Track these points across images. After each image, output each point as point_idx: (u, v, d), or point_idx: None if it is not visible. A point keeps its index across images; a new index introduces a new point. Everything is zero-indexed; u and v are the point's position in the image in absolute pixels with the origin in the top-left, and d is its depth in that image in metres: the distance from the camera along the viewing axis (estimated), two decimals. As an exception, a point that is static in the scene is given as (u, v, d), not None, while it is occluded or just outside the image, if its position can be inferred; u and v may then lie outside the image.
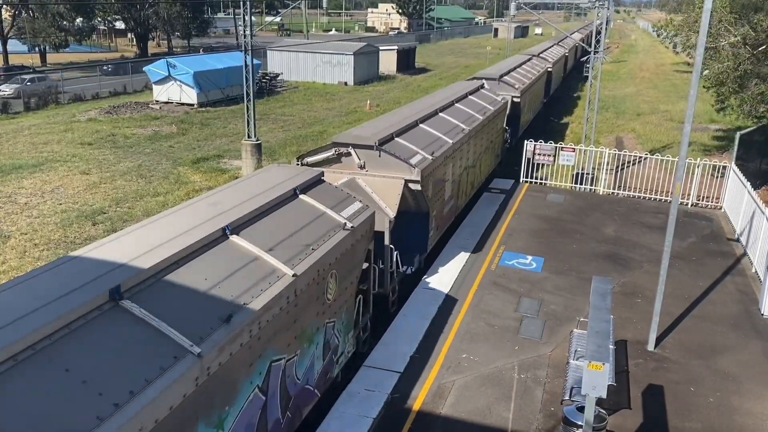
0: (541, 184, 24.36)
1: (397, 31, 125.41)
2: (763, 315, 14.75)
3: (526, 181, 24.35)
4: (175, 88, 42.58)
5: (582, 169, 24.42)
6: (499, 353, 12.76)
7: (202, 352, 6.55)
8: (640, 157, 25.93)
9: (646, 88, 54.93)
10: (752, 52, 24.15)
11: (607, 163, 24.17)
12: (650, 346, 13.15)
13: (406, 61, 68.57)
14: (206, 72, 42.76)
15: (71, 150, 29.45)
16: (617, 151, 24.70)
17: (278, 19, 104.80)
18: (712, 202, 22.49)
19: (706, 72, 25.44)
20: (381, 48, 63.78)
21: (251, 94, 26.13)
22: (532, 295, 15.30)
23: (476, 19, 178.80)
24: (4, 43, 58.55)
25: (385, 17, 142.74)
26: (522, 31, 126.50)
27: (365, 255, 11.72)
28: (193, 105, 42.36)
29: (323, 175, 11.81)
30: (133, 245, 7.78)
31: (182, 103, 42.55)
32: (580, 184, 24.09)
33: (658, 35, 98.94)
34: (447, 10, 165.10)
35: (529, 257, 17.50)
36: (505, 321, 14.06)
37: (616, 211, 21.66)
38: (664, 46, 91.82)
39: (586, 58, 55.56)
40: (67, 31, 62.95)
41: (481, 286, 15.69)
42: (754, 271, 16.98)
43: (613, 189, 23.96)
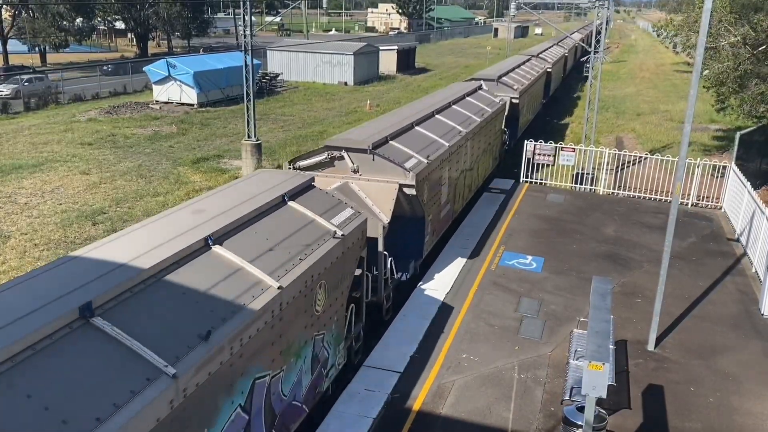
0: (541, 184, 24.37)
1: (397, 31, 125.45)
2: (763, 315, 14.76)
3: (526, 181, 24.36)
4: (175, 88, 42.59)
5: (582, 169, 24.42)
6: (499, 353, 12.77)
7: (178, 373, 6.20)
8: (640, 157, 25.93)
9: (646, 88, 54.93)
10: (752, 52, 24.15)
11: (607, 163, 24.18)
12: (650, 346, 13.16)
13: (406, 61, 68.58)
14: (206, 72, 42.78)
15: (71, 150, 29.46)
16: (617, 151, 24.70)
17: (278, 19, 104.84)
18: (712, 202, 22.50)
19: (706, 72, 25.44)
20: (381, 48, 63.79)
21: (251, 94, 26.14)
22: (532, 295, 15.30)
23: (476, 19, 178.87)
24: (4, 43, 58.55)
25: (385, 17, 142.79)
26: (522, 31, 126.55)
27: (357, 263, 11.37)
28: (193, 105, 42.37)
29: (313, 181, 11.53)
30: (109, 257, 7.42)
31: (182, 103, 42.56)
32: (580, 184, 24.09)
33: (658, 35, 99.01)
34: (447, 10, 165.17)
35: (529, 257, 17.51)
36: (505, 321, 14.07)
37: (616, 211, 21.66)
38: (664, 46, 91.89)
39: (586, 58, 55.59)
40: (67, 31, 62.97)
41: (481, 286, 15.69)
42: (754, 271, 16.98)
43: (613, 189, 23.97)
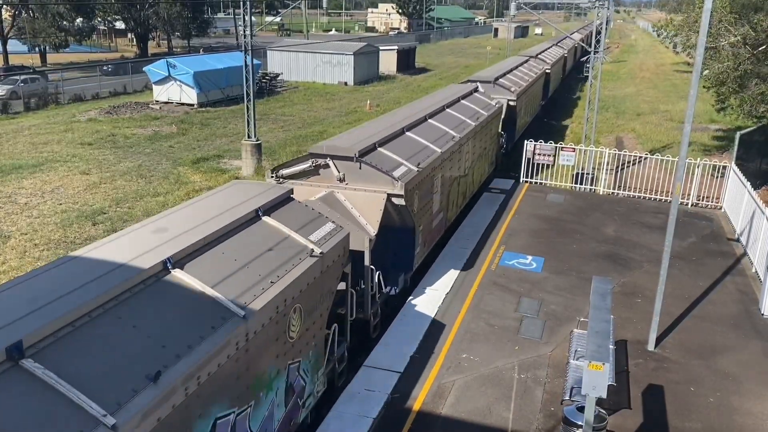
0: (541, 184, 24.37)
1: (397, 31, 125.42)
2: (763, 315, 14.76)
3: (526, 181, 24.36)
4: (175, 88, 42.58)
5: (582, 169, 24.42)
6: (499, 353, 12.77)
7: (118, 423, 5.48)
8: (640, 157, 25.93)
9: (646, 88, 54.93)
10: (752, 52, 24.15)
11: (607, 163, 24.18)
12: (650, 346, 13.16)
13: (406, 61, 68.57)
14: (206, 72, 42.77)
15: (71, 150, 29.46)
16: (617, 151, 24.70)
17: (278, 19, 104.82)
18: (712, 202, 22.50)
19: (706, 72, 25.44)
20: (381, 48, 63.78)
21: (251, 94, 26.14)
22: (532, 295, 15.31)
23: (476, 19, 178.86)
24: (4, 44, 58.54)
25: (385, 17, 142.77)
26: (522, 31, 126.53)
27: (339, 280, 10.60)
28: (193, 105, 42.36)
29: (292, 193, 10.71)
30: (51, 286, 6.56)
31: (182, 103, 42.55)
32: (580, 184, 24.09)
33: (658, 35, 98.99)
34: (447, 10, 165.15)
35: (529, 257, 17.51)
36: (505, 321, 14.07)
37: (616, 211, 21.66)
38: (664, 46, 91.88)
39: (586, 58, 55.60)
40: (67, 31, 62.95)
41: (481, 286, 15.69)
42: (754, 271, 16.99)
43: (613, 189, 23.97)
